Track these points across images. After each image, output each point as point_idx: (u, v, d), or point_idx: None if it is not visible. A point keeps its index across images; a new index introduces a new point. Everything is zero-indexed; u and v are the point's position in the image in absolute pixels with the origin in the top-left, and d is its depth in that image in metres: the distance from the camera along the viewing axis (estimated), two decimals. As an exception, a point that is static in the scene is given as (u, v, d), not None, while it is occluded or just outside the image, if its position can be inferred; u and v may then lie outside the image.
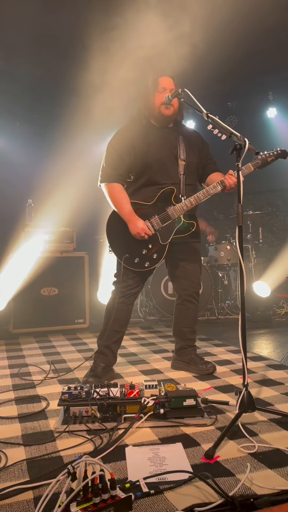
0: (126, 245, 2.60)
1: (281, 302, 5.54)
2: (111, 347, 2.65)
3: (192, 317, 2.84)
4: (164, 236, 2.61)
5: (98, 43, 4.95)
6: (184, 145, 2.69)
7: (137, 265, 2.59)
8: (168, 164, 2.63)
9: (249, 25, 4.80)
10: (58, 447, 1.71)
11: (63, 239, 4.52)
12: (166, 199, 2.61)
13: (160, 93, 2.58)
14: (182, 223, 2.64)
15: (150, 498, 1.33)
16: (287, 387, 2.40)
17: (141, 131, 2.64)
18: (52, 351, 3.52)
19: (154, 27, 4.51)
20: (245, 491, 1.35)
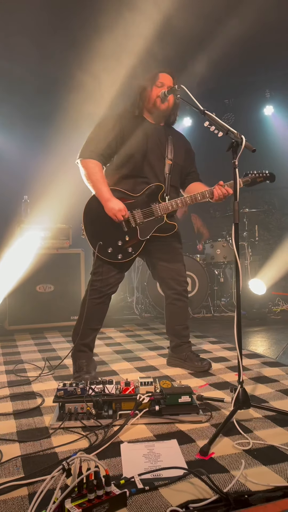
0: (102, 232, 2.53)
1: (276, 299, 5.56)
2: (90, 344, 2.64)
3: (184, 314, 2.84)
4: (143, 232, 2.58)
5: (92, 42, 4.96)
6: (172, 146, 2.69)
7: (109, 255, 2.53)
8: (154, 160, 2.62)
9: (246, 23, 4.80)
10: (53, 444, 1.71)
11: (59, 235, 4.51)
12: (153, 195, 2.59)
13: (158, 87, 2.57)
14: (164, 222, 2.61)
15: (144, 495, 1.33)
16: (282, 384, 2.41)
17: (132, 121, 2.61)
18: (48, 347, 3.51)
19: (149, 25, 4.51)
20: (239, 488, 1.36)
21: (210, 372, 2.67)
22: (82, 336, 2.61)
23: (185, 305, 2.83)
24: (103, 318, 2.66)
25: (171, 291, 2.79)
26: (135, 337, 3.91)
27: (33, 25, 4.79)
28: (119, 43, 4.86)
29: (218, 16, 4.49)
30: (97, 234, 2.53)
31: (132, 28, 4.63)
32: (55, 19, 4.74)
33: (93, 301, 2.60)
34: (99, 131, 2.58)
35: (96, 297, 2.59)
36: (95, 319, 2.61)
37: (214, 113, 2.15)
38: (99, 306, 2.60)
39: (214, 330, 4.24)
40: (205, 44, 5.00)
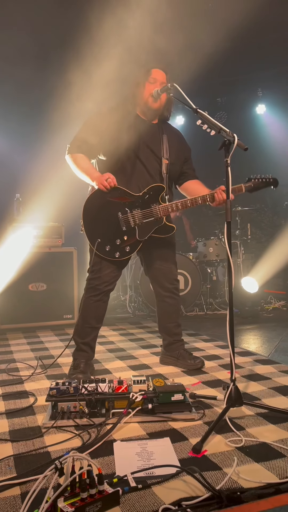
0: (101, 230, 2.52)
1: (268, 297, 5.60)
2: (90, 343, 2.64)
3: (175, 312, 2.85)
4: (142, 233, 2.57)
5: (84, 39, 4.92)
6: (167, 145, 2.68)
7: (107, 253, 2.53)
8: (147, 158, 2.61)
9: (238, 21, 4.80)
10: (45, 443, 1.70)
11: (51, 234, 4.49)
12: (154, 196, 2.58)
13: (151, 84, 2.56)
14: (163, 224, 2.61)
15: (137, 493, 1.33)
16: (274, 382, 2.42)
17: (124, 117, 2.57)
18: (40, 346, 3.50)
19: (142, 22, 4.49)
20: (232, 485, 1.36)
21: (203, 370, 2.68)
22: (81, 334, 2.61)
23: (176, 302, 2.84)
24: (102, 316, 2.65)
25: (161, 289, 2.80)
26: (128, 336, 3.91)
27: (24, 24, 4.76)
28: (109, 38, 4.84)
29: (210, 13, 4.49)
30: (96, 231, 2.53)
31: (122, 22, 4.62)
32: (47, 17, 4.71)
33: (90, 298, 2.59)
34: (87, 127, 2.57)
35: (93, 295, 2.59)
36: (93, 317, 2.60)
37: (207, 112, 2.15)
38: (96, 304, 2.60)
39: (207, 328, 4.26)
40: (197, 42, 4.99)
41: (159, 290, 2.81)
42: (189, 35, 4.83)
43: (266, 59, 5.88)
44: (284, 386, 2.34)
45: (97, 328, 2.65)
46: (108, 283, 2.60)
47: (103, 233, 2.52)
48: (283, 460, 1.52)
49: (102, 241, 2.51)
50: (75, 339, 2.66)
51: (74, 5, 4.62)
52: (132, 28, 4.56)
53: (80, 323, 2.64)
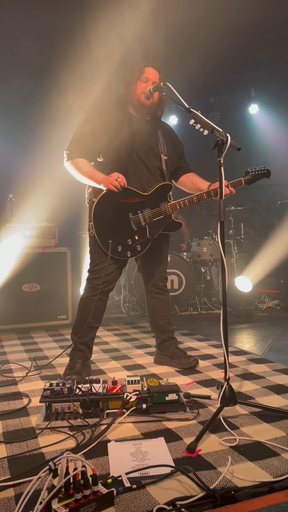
0: (112, 231, 2.54)
1: (262, 297, 5.61)
2: (88, 343, 2.64)
3: (166, 308, 2.87)
4: (152, 231, 2.61)
5: (78, 39, 4.92)
6: (163, 141, 2.69)
7: (119, 253, 2.56)
8: (144, 154, 2.61)
9: (231, 22, 4.82)
10: (39, 444, 1.70)
11: (45, 234, 4.47)
12: (162, 194, 2.61)
13: (143, 82, 2.56)
14: (172, 221, 2.65)
15: (132, 493, 1.33)
16: (268, 381, 2.43)
17: (117, 115, 2.57)
18: (34, 347, 3.49)
19: (133, 23, 4.49)
20: (226, 484, 1.37)
21: (197, 370, 2.69)
22: (80, 334, 2.61)
23: (166, 298, 2.86)
24: (101, 316, 2.66)
25: (153, 286, 2.83)
26: (122, 336, 3.91)
27: (18, 24, 4.75)
28: (104, 37, 4.83)
29: (203, 15, 4.50)
30: (107, 233, 2.54)
31: (118, 22, 4.62)
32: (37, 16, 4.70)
33: (90, 298, 2.60)
34: (83, 129, 2.55)
35: (93, 294, 2.59)
36: (92, 316, 2.59)
37: (200, 111, 2.15)
38: (96, 303, 2.59)
39: (201, 328, 4.26)
40: (191, 42, 5.01)
41: (151, 287, 2.84)
42: (183, 36, 4.85)
43: (259, 59, 5.91)
44: (278, 385, 2.35)
45: (95, 328, 2.66)
46: (109, 283, 2.61)
47: (114, 234, 2.55)
48: (277, 458, 1.53)
49: (114, 242, 2.54)
50: (73, 338, 2.66)
51: (65, 8, 4.63)
52: (125, 27, 4.57)
53: (79, 322, 2.64)
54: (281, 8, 4.81)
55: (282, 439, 1.68)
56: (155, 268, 2.81)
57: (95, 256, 2.62)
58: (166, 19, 4.65)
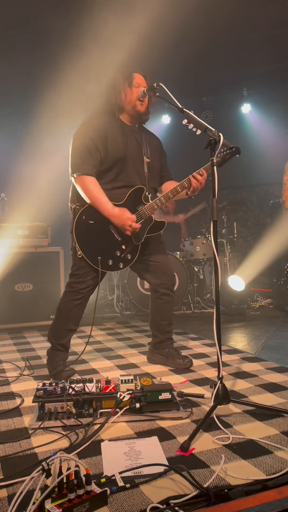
0: (98, 247, 2.53)
1: (255, 295, 5.64)
2: (65, 344, 2.64)
3: (170, 309, 2.86)
4: (137, 237, 2.60)
5: (70, 39, 4.91)
6: (148, 146, 2.70)
7: (111, 267, 2.56)
8: (135, 161, 2.61)
9: (222, 21, 4.83)
10: (33, 444, 1.69)
11: (37, 234, 4.46)
12: (137, 198, 2.60)
13: (136, 88, 2.55)
14: (153, 222, 2.65)
15: (125, 492, 1.33)
16: (261, 379, 2.44)
17: (112, 124, 2.58)
18: (27, 347, 3.47)
19: (127, 22, 4.49)
20: (219, 482, 1.37)
21: (191, 369, 2.69)
22: (58, 336, 2.62)
23: (171, 299, 2.85)
24: (80, 319, 2.65)
25: (160, 286, 2.79)
26: (115, 335, 3.90)
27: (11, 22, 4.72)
28: (98, 37, 4.84)
29: (195, 13, 4.50)
30: (94, 250, 2.52)
31: (110, 24, 4.63)
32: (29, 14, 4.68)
33: (71, 302, 2.59)
34: (84, 144, 2.50)
35: (75, 299, 2.58)
36: (72, 320, 2.60)
37: (192, 111, 2.16)
38: (77, 307, 2.59)
39: (194, 327, 4.27)
40: (182, 41, 5.01)
41: (157, 287, 2.80)
42: (174, 35, 4.85)
43: (251, 58, 5.92)
44: (271, 383, 2.36)
45: (74, 331, 2.66)
46: (91, 288, 2.61)
47: (101, 250, 2.53)
48: (270, 456, 1.54)
49: (103, 257, 2.52)
50: (50, 340, 2.66)
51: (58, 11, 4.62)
52: (114, 29, 4.58)
53: (58, 325, 2.63)
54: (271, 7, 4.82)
55: (275, 437, 1.69)
56: (160, 267, 2.77)
57: (78, 261, 2.60)
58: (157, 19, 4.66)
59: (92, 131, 2.53)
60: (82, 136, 2.53)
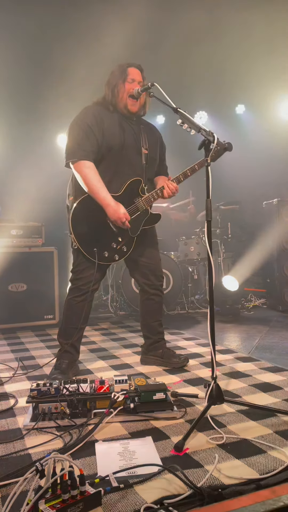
0: (94, 239, 2.52)
1: (249, 295, 5.66)
2: (75, 344, 2.63)
3: (160, 310, 2.87)
4: (133, 229, 2.60)
5: (63, 38, 4.91)
6: (146, 137, 2.69)
7: (106, 258, 2.56)
8: (132, 152, 2.61)
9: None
10: (26, 445, 1.68)
11: (31, 233, 4.44)
12: (133, 190, 2.60)
13: (129, 83, 2.55)
14: (150, 215, 2.66)
15: (119, 493, 1.33)
16: (255, 379, 2.45)
17: (108, 114, 2.58)
18: (21, 347, 3.46)
19: (121, 24, 4.48)
20: (213, 482, 1.37)
21: (185, 369, 2.69)
22: (66, 336, 2.59)
23: (161, 300, 2.85)
24: (87, 316, 2.63)
25: (148, 287, 2.79)
26: (110, 335, 3.90)
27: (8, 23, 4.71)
28: (92, 34, 4.85)
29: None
30: (90, 241, 2.51)
31: (99, 21, 4.63)
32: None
33: (74, 299, 2.58)
34: (81, 129, 2.49)
35: (77, 295, 2.58)
36: (78, 317, 2.57)
37: (187, 111, 2.16)
38: (81, 304, 2.58)
39: (188, 327, 4.28)
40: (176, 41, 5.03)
41: (146, 288, 2.80)
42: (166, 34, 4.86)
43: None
44: (264, 383, 2.37)
45: (82, 329, 2.64)
46: (92, 284, 2.58)
47: (98, 241, 2.52)
48: (264, 456, 1.54)
49: (99, 249, 2.51)
50: (59, 340, 2.64)
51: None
52: (108, 26, 4.57)
53: (64, 324, 2.62)
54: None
55: (268, 436, 1.70)
56: (149, 267, 2.77)
57: (77, 256, 2.60)
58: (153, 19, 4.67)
59: (89, 117, 2.52)
60: (78, 123, 2.53)
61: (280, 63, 5.50)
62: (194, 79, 5.98)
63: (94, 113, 2.55)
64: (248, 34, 5.25)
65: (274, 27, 5.02)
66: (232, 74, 5.87)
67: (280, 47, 5.22)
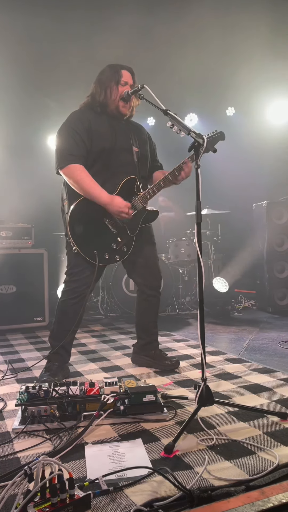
0: (94, 241, 2.50)
1: (239, 297, 5.68)
2: (66, 346, 2.61)
3: (156, 311, 2.86)
4: (132, 228, 2.60)
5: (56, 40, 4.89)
6: (135, 136, 2.70)
7: (107, 260, 2.54)
8: (123, 151, 2.61)
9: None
10: (15, 449, 1.67)
11: (21, 235, 4.42)
12: (129, 189, 2.59)
13: (122, 86, 2.55)
14: (147, 212, 2.66)
15: (109, 496, 1.32)
16: (244, 380, 2.46)
17: (96, 116, 2.58)
18: (10, 350, 3.43)
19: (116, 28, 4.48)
20: (203, 484, 1.37)
21: (175, 370, 2.70)
22: (58, 338, 2.58)
23: (158, 301, 2.83)
24: (80, 319, 2.61)
25: (147, 287, 2.78)
26: (100, 337, 3.89)
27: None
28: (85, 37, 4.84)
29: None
30: (90, 244, 2.49)
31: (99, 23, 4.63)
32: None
33: (68, 301, 2.56)
34: (69, 134, 2.49)
35: (71, 298, 2.55)
36: (71, 320, 2.55)
37: (176, 113, 2.16)
38: (74, 307, 2.55)
39: (178, 328, 4.28)
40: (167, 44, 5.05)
41: (144, 288, 2.79)
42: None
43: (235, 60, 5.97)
44: (254, 384, 2.38)
45: (74, 332, 2.63)
46: (88, 285, 2.55)
47: (97, 243, 2.51)
48: (253, 457, 1.55)
49: (99, 251, 2.50)
50: (51, 342, 2.62)
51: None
52: (99, 30, 4.58)
53: (57, 326, 2.61)
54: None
55: (258, 437, 1.71)
56: (147, 267, 2.76)
57: (73, 258, 2.58)
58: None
59: (76, 122, 2.52)
60: (66, 129, 2.52)
61: (269, 66, 5.55)
62: (184, 81, 6.00)
63: (81, 118, 2.55)
64: (238, 37, 5.28)
65: (264, 31, 5.06)
66: (222, 76, 5.90)
67: (269, 51, 5.27)
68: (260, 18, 4.87)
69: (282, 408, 2.00)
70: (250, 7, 4.90)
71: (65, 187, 2.60)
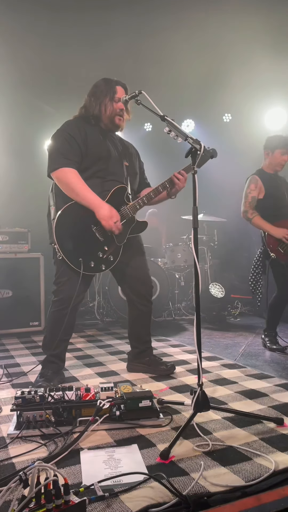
0: (80, 248, 2.44)
1: (235, 302, 5.69)
2: (60, 355, 2.58)
3: (148, 320, 2.83)
4: (119, 237, 2.57)
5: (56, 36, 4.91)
6: (125, 151, 2.74)
7: (93, 269, 2.49)
8: (114, 163, 2.61)
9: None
10: (10, 454, 1.66)
11: (17, 239, 4.41)
12: (119, 198, 2.58)
13: (116, 103, 2.56)
14: (136, 222, 2.65)
15: (104, 502, 1.31)
16: (240, 386, 2.46)
17: (90, 126, 2.58)
18: (6, 354, 3.42)
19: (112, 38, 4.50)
20: (199, 490, 1.37)
21: (171, 376, 2.69)
22: (50, 347, 2.54)
23: (149, 310, 2.80)
24: (71, 328, 2.58)
25: (136, 296, 2.75)
26: (96, 342, 3.88)
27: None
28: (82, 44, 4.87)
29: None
30: (75, 251, 2.43)
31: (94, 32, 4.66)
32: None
33: (58, 312, 2.51)
34: (64, 138, 2.48)
35: (61, 308, 2.50)
36: (62, 330, 2.49)
37: (174, 119, 2.17)
38: (64, 317, 2.48)
39: (174, 334, 4.28)
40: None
41: (133, 297, 2.76)
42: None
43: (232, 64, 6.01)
44: (250, 389, 2.38)
45: (66, 340, 2.60)
46: (76, 295, 2.48)
47: (83, 251, 2.45)
48: (249, 463, 1.55)
49: (85, 259, 2.44)
50: (44, 351, 2.60)
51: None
52: (94, 36, 4.60)
53: (49, 336, 2.57)
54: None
55: (254, 443, 1.70)
56: (136, 276, 2.74)
57: (60, 266, 2.53)
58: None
59: (72, 129, 2.52)
60: (61, 134, 2.51)
61: (265, 72, 5.59)
62: (181, 87, 6.03)
63: (78, 125, 2.55)
64: (235, 43, 5.33)
65: (262, 37, 5.10)
66: (219, 83, 5.93)
67: (265, 57, 5.31)
68: (257, 25, 4.91)
69: (278, 414, 2.00)
70: (247, 11, 4.94)
71: (53, 193, 2.57)
